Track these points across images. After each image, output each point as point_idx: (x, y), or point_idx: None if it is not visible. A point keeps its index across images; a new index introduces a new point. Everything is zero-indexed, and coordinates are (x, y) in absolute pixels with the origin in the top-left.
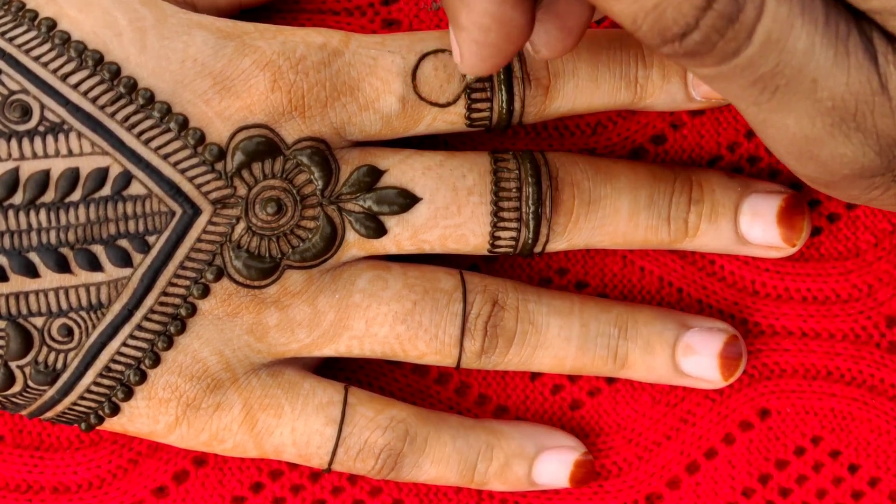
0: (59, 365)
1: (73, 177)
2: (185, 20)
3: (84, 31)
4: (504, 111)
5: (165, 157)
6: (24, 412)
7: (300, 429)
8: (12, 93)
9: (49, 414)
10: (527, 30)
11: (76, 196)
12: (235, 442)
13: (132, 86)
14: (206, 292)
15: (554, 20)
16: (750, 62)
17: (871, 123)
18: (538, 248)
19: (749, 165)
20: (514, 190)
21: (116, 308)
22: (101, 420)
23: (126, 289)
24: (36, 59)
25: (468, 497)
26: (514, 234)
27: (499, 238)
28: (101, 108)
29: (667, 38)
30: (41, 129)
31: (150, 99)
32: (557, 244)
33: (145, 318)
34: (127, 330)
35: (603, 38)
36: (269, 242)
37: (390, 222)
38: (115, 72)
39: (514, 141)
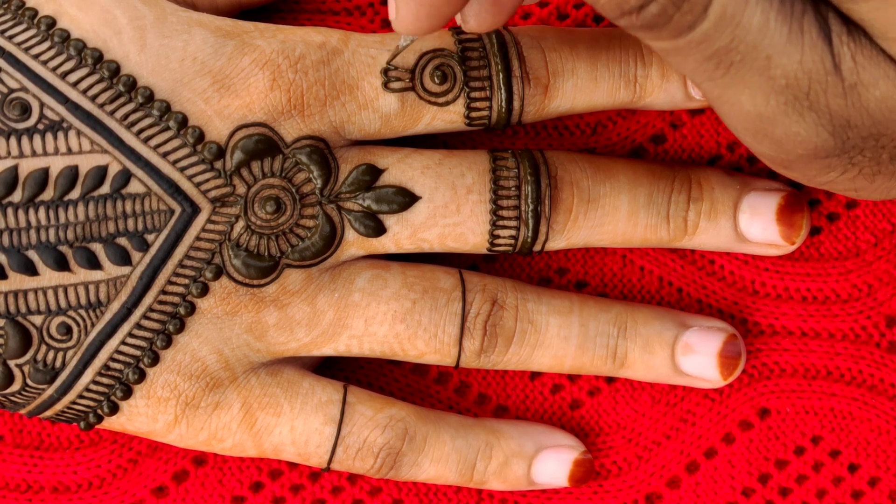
0: (58, 363)
1: (72, 175)
2: (184, 19)
3: (83, 29)
4: (503, 110)
5: (164, 155)
6: (23, 411)
7: (299, 428)
8: (12, 91)
9: (48, 413)
10: None
11: (75, 194)
12: (234, 441)
13: (131, 84)
14: (205, 291)
15: None
16: (705, 37)
17: (824, 103)
18: (537, 247)
19: (749, 165)
20: (512, 188)
21: (115, 306)
22: (100, 419)
23: (125, 287)
24: (35, 57)
25: (468, 497)
26: (513, 232)
27: (498, 237)
28: (101, 106)
29: (625, 10)
30: (40, 126)
31: (150, 97)
32: (557, 243)
33: (144, 316)
34: (126, 328)
35: (602, 37)
36: (269, 241)
37: (389, 221)
38: (115, 70)
39: (513, 141)
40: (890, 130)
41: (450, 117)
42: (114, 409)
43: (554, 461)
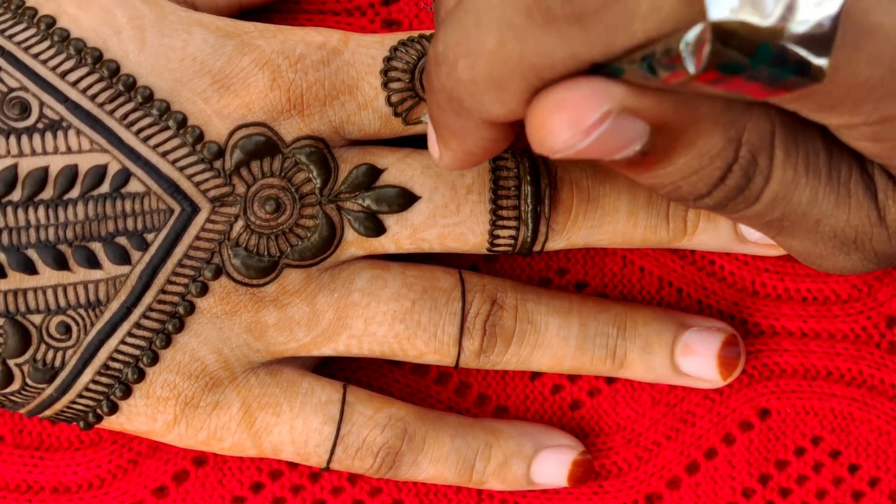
0: (58, 363)
1: (71, 174)
2: (184, 18)
3: (83, 28)
4: None
5: (164, 154)
6: (22, 410)
7: (298, 427)
8: (11, 90)
9: (48, 412)
10: (506, 147)
11: (75, 193)
12: (234, 441)
13: (131, 84)
14: (204, 290)
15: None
16: (757, 214)
17: (869, 247)
18: (537, 247)
19: None
20: (512, 188)
21: (115, 306)
22: (99, 418)
23: (124, 286)
24: (35, 56)
25: (468, 497)
26: (512, 232)
27: (498, 237)
28: (100, 105)
29: (681, 200)
30: (40, 126)
31: (149, 97)
32: (556, 243)
33: (143, 315)
34: (125, 328)
35: None
36: (268, 241)
37: (389, 221)
38: (115, 69)
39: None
40: None
41: None
42: (113, 408)
43: (553, 461)
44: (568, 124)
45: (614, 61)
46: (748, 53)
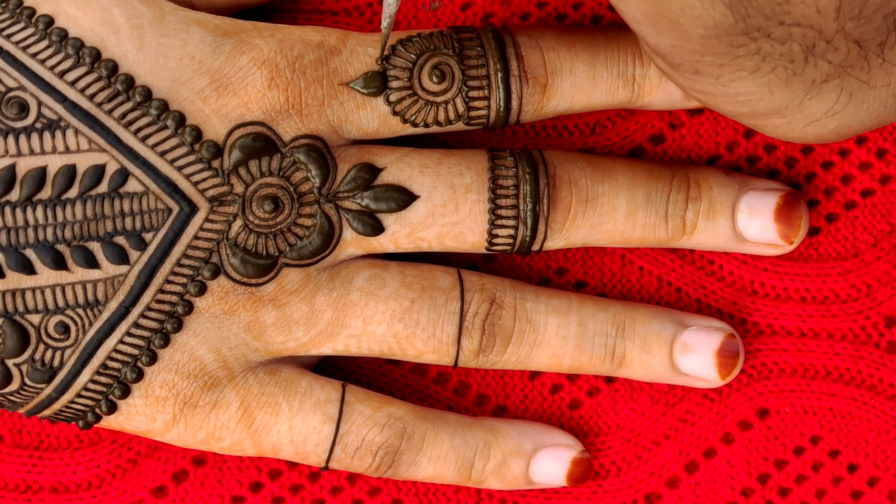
0: (56, 363)
1: (69, 174)
2: (183, 18)
3: (82, 28)
4: (501, 109)
5: (162, 154)
6: (21, 410)
7: (297, 427)
8: (10, 89)
9: (46, 412)
10: None
11: (73, 193)
12: (233, 440)
13: (129, 83)
14: (202, 290)
15: None
16: None
17: None
18: (536, 246)
19: (748, 165)
20: (511, 188)
21: (113, 305)
22: (98, 418)
23: (123, 286)
24: (33, 55)
25: (467, 496)
26: (511, 231)
27: (496, 236)
28: (99, 105)
29: None
30: (38, 125)
31: (148, 96)
32: (555, 242)
33: (142, 315)
34: (123, 327)
35: (600, 36)
36: (267, 240)
37: (388, 220)
38: (113, 69)
39: (512, 141)
40: (794, 10)
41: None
42: (112, 408)
43: (552, 460)
44: None
45: None
46: None
